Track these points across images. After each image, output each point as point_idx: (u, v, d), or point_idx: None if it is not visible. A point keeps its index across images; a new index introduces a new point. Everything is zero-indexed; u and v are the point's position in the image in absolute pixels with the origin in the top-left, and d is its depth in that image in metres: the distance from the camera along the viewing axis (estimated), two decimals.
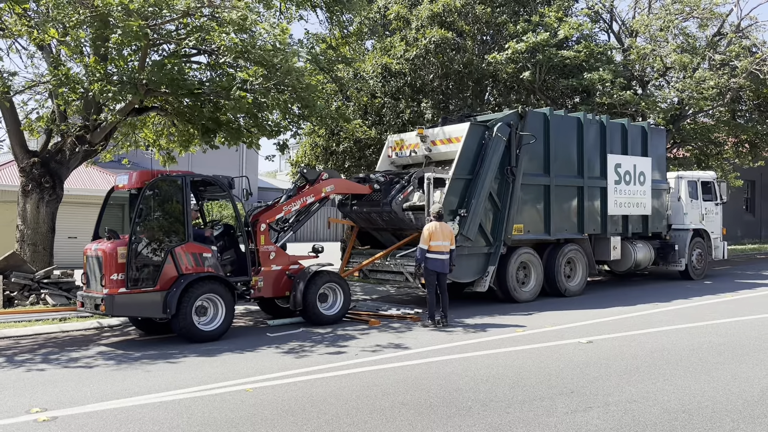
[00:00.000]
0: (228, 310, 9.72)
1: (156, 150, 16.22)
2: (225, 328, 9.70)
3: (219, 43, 11.14)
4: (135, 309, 9.45)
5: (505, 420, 5.70)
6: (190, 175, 9.95)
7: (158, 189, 9.68)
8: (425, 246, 10.70)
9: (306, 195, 11.40)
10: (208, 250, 9.86)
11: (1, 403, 6.41)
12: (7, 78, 11.72)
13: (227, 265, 10.47)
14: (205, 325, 9.55)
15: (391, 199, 12.27)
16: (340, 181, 12.16)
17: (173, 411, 6.08)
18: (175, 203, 9.72)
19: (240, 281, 10.31)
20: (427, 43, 18.70)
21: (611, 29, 24.39)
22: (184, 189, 9.59)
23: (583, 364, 7.82)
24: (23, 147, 12.85)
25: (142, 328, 10.47)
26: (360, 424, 5.62)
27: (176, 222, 9.71)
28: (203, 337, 9.41)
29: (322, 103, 13.54)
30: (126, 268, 9.12)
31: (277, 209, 11.08)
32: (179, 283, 9.32)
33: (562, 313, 11.87)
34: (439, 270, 10.78)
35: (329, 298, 11.01)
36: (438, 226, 10.79)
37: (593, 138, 14.75)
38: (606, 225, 14.93)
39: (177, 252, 9.46)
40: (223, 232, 10.89)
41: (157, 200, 9.76)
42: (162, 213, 9.83)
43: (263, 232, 10.67)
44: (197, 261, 9.65)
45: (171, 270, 9.41)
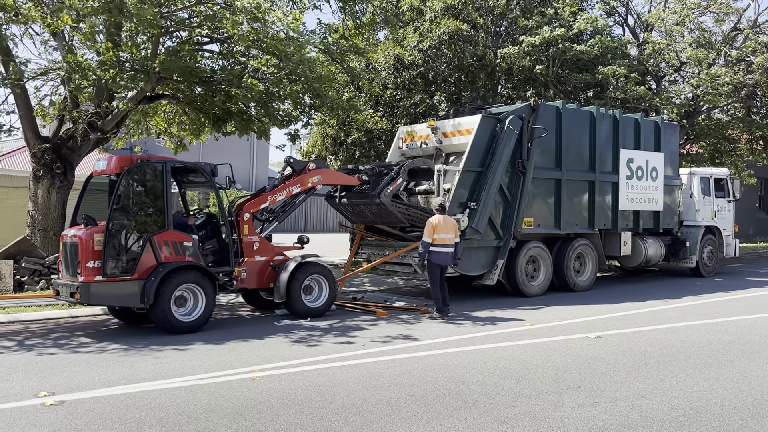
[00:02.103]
0: (208, 301, 9.45)
1: (167, 138, 16.27)
2: (205, 320, 9.46)
3: (232, 32, 11.13)
4: (111, 298, 9.18)
5: (512, 413, 5.67)
6: (171, 162, 9.71)
7: (137, 175, 9.41)
8: (429, 239, 10.66)
9: (292, 185, 11.14)
10: (189, 239, 9.57)
11: (9, 387, 6.46)
12: (21, 64, 11.76)
13: (209, 255, 10.21)
14: (185, 316, 9.29)
15: (380, 192, 11.89)
16: (328, 171, 11.88)
17: (180, 397, 6.10)
18: (155, 190, 9.45)
19: (222, 272, 10.03)
20: (441, 35, 18.60)
21: (626, 23, 24.20)
22: (164, 175, 9.33)
23: (591, 359, 7.78)
24: (35, 133, 12.91)
25: (121, 318, 10.25)
26: (366, 414, 5.62)
27: (156, 209, 9.47)
28: (182, 328, 9.16)
29: (334, 93, 13.50)
30: (102, 255, 8.86)
31: (261, 199, 10.84)
32: (158, 272, 9.06)
33: (571, 307, 11.82)
34: (443, 263, 10.74)
35: (314, 290, 10.76)
36: (442, 219, 10.74)
37: (606, 132, 14.64)
38: (617, 220, 14.84)
39: (156, 240, 9.20)
40: (206, 221, 10.66)
41: (136, 186, 9.50)
42: (141, 200, 9.59)
43: (247, 222, 10.42)
44: (177, 250, 9.39)
45: (150, 258, 9.15)
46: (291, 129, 14.34)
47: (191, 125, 15.08)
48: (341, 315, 10.86)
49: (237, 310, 11.48)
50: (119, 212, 9.23)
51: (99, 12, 10.64)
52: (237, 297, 12.12)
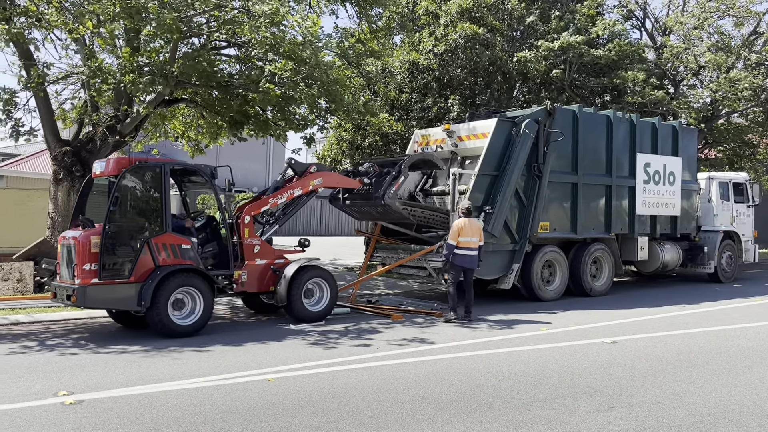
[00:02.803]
0: (206, 305, 9.36)
1: (185, 141, 16.41)
2: (203, 323, 9.35)
3: (249, 36, 11.22)
4: (108, 301, 9.08)
5: (527, 417, 5.67)
6: (170, 163, 9.66)
7: (135, 177, 9.35)
8: (454, 242, 10.75)
9: (293, 188, 11.03)
10: (188, 241, 9.46)
11: (30, 386, 6.56)
12: (42, 68, 11.94)
13: (209, 258, 10.11)
14: (182, 320, 9.19)
15: (383, 193, 11.69)
16: (329, 174, 11.77)
17: (196, 398, 6.16)
18: (154, 192, 9.38)
19: (221, 275, 9.94)
20: (456, 38, 18.62)
21: (644, 27, 24.05)
22: (162, 177, 9.25)
23: (606, 364, 7.75)
24: (56, 136, 13.07)
25: (119, 321, 10.18)
26: (380, 417, 5.64)
27: (154, 211, 9.39)
28: (179, 331, 9.06)
29: (350, 97, 13.56)
30: (99, 258, 8.75)
31: (262, 201, 10.75)
32: (155, 275, 8.96)
33: (587, 312, 11.76)
34: (467, 266, 10.82)
35: (315, 294, 10.62)
36: (467, 222, 10.83)
37: (622, 136, 14.57)
38: (634, 225, 14.75)
39: (154, 243, 9.10)
40: (206, 223, 10.54)
41: (135, 188, 9.44)
42: (139, 202, 9.53)
43: (247, 225, 10.32)
44: (175, 252, 9.27)
45: (147, 261, 9.05)
46: (307, 132, 14.40)
47: (208, 129, 15.20)
48: (356, 318, 10.89)
49: (249, 314, 11.55)
50: (116, 214, 9.13)
51: (119, 16, 10.77)
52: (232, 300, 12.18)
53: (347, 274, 16.64)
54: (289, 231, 35.80)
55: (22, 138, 12.78)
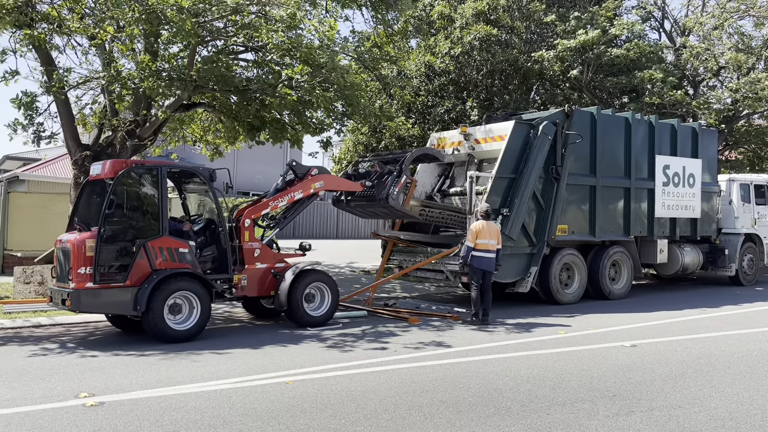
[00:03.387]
0: (203, 310, 9.19)
1: (203, 145, 16.54)
2: (200, 328, 9.20)
3: (266, 41, 11.29)
4: (103, 305, 8.94)
5: (545, 421, 5.63)
6: (167, 165, 9.55)
7: (132, 179, 9.26)
8: (471, 244, 10.76)
9: (294, 191, 10.89)
10: (185, 245, 9.33)
11: (52, 387, 6.63)
12: (63, 74, 12.10)
13: (208, 261, 9.92)
14: (179, 324, 9.05)
15: (387, 195, 11.57)
16: (330, 177, 11.65)
17: (216, 400, 6.19)
18: (150, 194, 9.28)
19: (220, 279, 9.79)
20: (471, 40, 18.59)
21: (663, 27, 23.87)
22: (159, 180, 9.15)
23: (626, 367, 7.68)
24: (76, 141, 13.23)
25: (117, 325, 10.07)
26: (398, 420, 5.63)
27: (150, 214, 9.30)
28: (175, 336, 8.92)
29: (366, 101, 13.59)
30: (94, 261, 8.63)
31: (263, 204, 10.63)
32: (151, 278, 8.83)
33: (606, 315, 11.67)
34: (485, 268, 10.82)
35: (316, 299, 10.45)
36: (485, 224, 10.85)
37: (641, 138, 14.46)
38: (653, 227, 14.62)
39: (150, 246, 8.98)
40: (205, 226, 10.34)
41: (131, 191, 9.30)
42: (135, 204, 9.41)
43: (247, 228, 10.19)
44: (172, 256, 9.14)
45: (143, 265, 8.92)
46: (324, 136, 14.47)
47: (226, 133, 15.32)
48: (373, 321, 10.90)
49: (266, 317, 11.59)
50: (112, 217, 8.97)
51: (139, 22, 10.90)
52: None
53: (364, 277, 16.66)
54: (306, 234, 35.92)
55: (44, 142, 12.95)
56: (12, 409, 5.87)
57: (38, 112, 12.45)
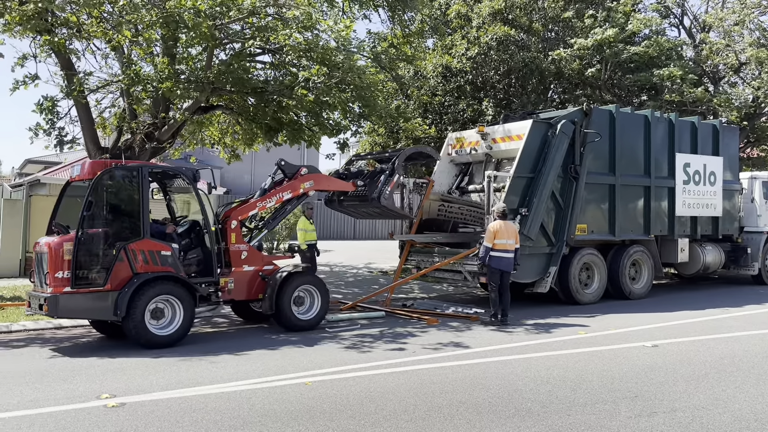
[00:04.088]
0: (186, 314, 8.90)
1: (221, 148, 16.64)
2: (183, 333, 8.91)
3: (283, 42, 11.33)
4: (82, 310, 8.67)
5: (566, 422, 5.58)
6: (148, 166, 9.30)
7: (111, 180, 8.97)
8: (489, 244, 10.72)
9: (283, 191, 10.55)
10: (168, 247, 9.04)
11: (74, 388, 6.70)
12: (83, 78, 12.23)
13: (192, 264, 9.61)
14: (161, 329, 8.77)
15: (379, 194, 11.24)
16: (321, 176, 11.22)
17: (235, 401, 6.21)
18: (131, 196, 9.01)
19: (205, 282, 9.45)
20: (489, 41, 18.52)
21: (682, 24, 23.62)
22: (140, 180, 8.87)
23: (647, 368, 7.59)
24: (96, 143, 13.37)
25: (100, 330, 9.82)
26: (418, 421, 5.61)
27: (131, 216, 9.00)
28: (157, 342, 8.64)
29: (383, 101, 13.59)
30: (72, 265, 8.35)
31: (250, 205, 10.31)
32: (132, 282, 8.54)
33: (627, 315, 11.55)
34: (503, 268, 10.78)
35: (306, 302, 10.15)
36: (503, 224, 10.79)
37: (661, 136, 14.31)
38: (673, 226, 14.46)
39: (131, 249, 8.68)
40: (189, 228, 9.98)
41: (111, 192, 9.03)
42: (115, 206, 9.11)
43: (234, 230, 9.88)
44: (154, 259, 8.84)
45: (124, 268, 8.62)
46: (340, 138, 14.49)
47: (244, 135, 15.40)
48: (392, 322, 10.88)
49: None
50: (91, 219, 8.69)
51: (156, 25, 10.98)
52: None
53: (382, 277, 16.65)
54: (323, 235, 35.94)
55: (65, 146, 13.10)
56: (35, 409, 5.93)
57: (59, 116, 12.59)
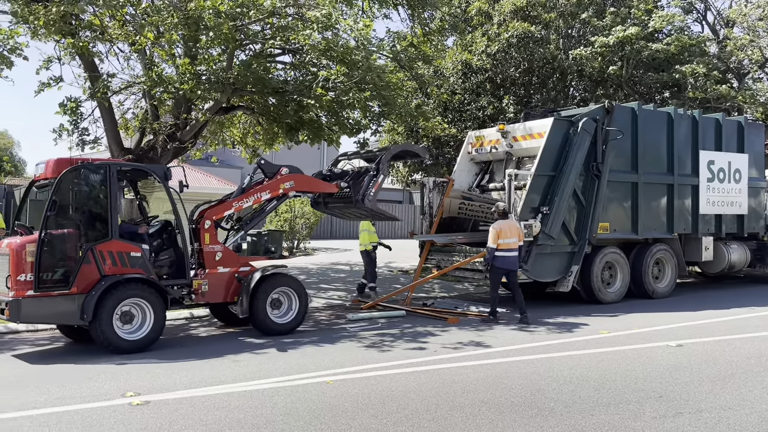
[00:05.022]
0: (157, 317, 8.58)
1: (242, 148, 16.75)
2: (154, 337, 8.60)
3: (303, 42, 11.37)
4: (46, 315, 8.34)
5: (590, 422, 5.54)
6: (116, 164, 8.91)
7: (77, 179, 8.61)
8: (494, 245, 10.72)
9: (261, 190, 10.21)
10: (137, 248, 8.71)
11: (99, 387, 6.78)
12: (106, 79, 12.39)
13: (164, 266, 9.30)
14: (130, 334, 8.42)
15: (363, 196, 10.84)
16: (302, 177, 10.74)
17: (258, 400, 6.25)
18: (98, 195, 8.70)
19: (177, 284, 9.17)
20: (509, 38, 18.43)
21: (705, 20, 23.34)
22: (108, 179, 8.52)
23: (672, 368, 7.50)
24: (119, 144, 13.53)
25: (68, 335, 9.49)
26: (440, 421, 5.60)
27: (98, 216, 8.67)
28: (126, 347, 8.31)
29: (402, 100, 13.58)
30: (35, 267, 8.00)
31: (226, 205, 9.99)
32: (99, 285, 8.20)
33: (650, 315, 11.43)
34: (509, 268, 10.82)
35: (283, 305, 9.78)
36: (505, 223, 10.84)
37: (684, 134, 14.13)
38: (697, 224, 14.28)
39: (98, 250, 8.36)
40: (161, 229, 9.65)
41: (76, 191, 8.67)
42: (82, 206, 8.76)
43: (208, 230, 9.55)
44: (123, 261, 8.52)
45: (91, 271, 8.31)
46: (360, 137, 14.51)
47: (265, 135, 15.48)
48: (412, 321, 10.88)
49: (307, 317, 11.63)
50: (56, 220, 8.36)
51: (178, 27, 11.09)
52: None
53: (402, 277, 16.64)
54: (342, 234, 36.05)
55: (88, 147, 13.27)
56: (63, 407, 6.02)
57: (82, 117, 12.76)
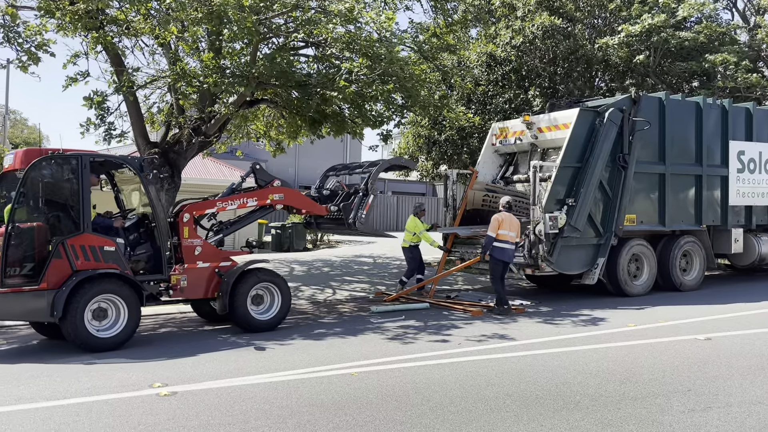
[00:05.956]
0: (132, 314, 8.32)
1: (266, 141, 16.82)
2: (128, 335, 8.32)
3: (326, 35, 11.37)
4: (14, 312, 8.13)
5: (616, 416, 5.48)
6: (88, 155, 8.55)
7: (47, 170, 8.31)
8: (493, 234, 10.80)
9: (249, 196, 10.02)
10: (111, 242, 8.42)
11: (127, 377, 6.88)
12: (132, 74, 12.51)
13: (141, 261, 9.05)
14: (104, 331, 8.15)
15: (354, 220, 10.64)
16: (294, 193, 10.59)
17: (283, 391, 6.29)
18: (69, 187, 8.36)
19: (154, 280, 8.94)
20: (534, 30, 18.24)
21: (735, 7, 22.84)
22: (79, 171, 8.20)
23: (700, 361, 7.40)
24: (145, 138, 13.66)
25: (42, 332, 9.23)
26: (464, 413, 5.59)
27: (70, 209, 8.35)
28: (99, 345, 8.04)
29: (426, 92, 13.52)
30: (2, 262, 7.79)
31: (209, 203, 9.83)
32: (70, 281, 7.94)
33: (677, 308, 11.27)
34: (507, 260, 10.91)
35: (265, 301, 9.53)
36: (508, 216, 10.91)
37: (713, 123, 13.87)
38: (727, 216, 14.03)
39: (70, 244, 8.06)
40: (138, 222, 9.38)
41: (47, 183, 8.38)
42: (52, 198, 8.45)
43: (187, 224, 9.30)
44: (96, 255, 8.23)
45: (62, 265, 8.02)
46: (383, 129, 14.48)
47: (288, 128, 15.52)
48: (435, 313, 10.86)
49: (332, 309, 11.69)
50: (24, 212, 8.17)
51: (202, 21, 11.15)
52: (314, 295, 12.30)
53: (426, 269, 16.59)
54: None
55: (114, 141, 13.42)
56: (92, 397, 6.12)
57: (109, 111, 12.90)
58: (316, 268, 17.36)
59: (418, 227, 12.90)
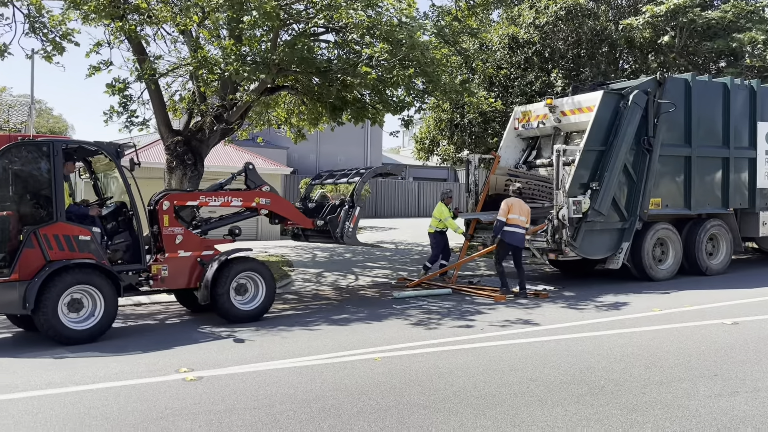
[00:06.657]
0: (108, 305, 8.04)
1: (287, 128, 16.87)
2: (104, 327, 8.05)
3: (347, 20, 11.33)
4: None
5: (641, 401, 5.44)
6: (61, 141, 8.40)
7: (17, 157, 8.07)
8: (504, 218, 10.89)
9: (235, 196, 9.86)
10: (86, 231, 8.16)
11: (155, 362, 6.99)
12: (154, 62, 12.59)
13: (119, 250, 8.78)
14: (78, 323, 7.89)
15: (342, 234, 10.43)
16: (281, 201, 10.43)
17: (307, 376, 6.35)
18: (41, 174, 8.13)
19: (132, 270, 8.70)
20: (558, 10, 17.99)
21: None
22: (52, 157, 7.96)
23: (727, 346, 7.31)
24: (168, 126, 13.77)
25: (18, 324, 9.02)
26: (488, 398, 5.59)
27: (42, 197, 8.10)
28: (73, 337, 7.78)
29: (447, 76, 13.43)
30: None
31: (192, 195, 9.70)
32: (43, 271, 7.68)
33: (704, 292, 11.14)
34: (516, 244, 10.99)
35: (249, 290, 9.29)
36: (517, 201, 11.02)
37: (741, 105, 13.62)
38: (754, 199, 13.81)
39: (42, 234, 7.82)
40: (116, 210, 9.08)
41: (17, 170, 8.10)
42: (23, 186, 8.22)
43: (166, 211, 9.03)
44: (71, 245, 8.00)
45: (34, 255, 7.76)
46: (404, 115, 14.45)
47: (309, 115, 15.55)
48: (458, 299, 10.86)
49: (354, 294, 11.72)
50: None
51: (222, 7, 11.17)
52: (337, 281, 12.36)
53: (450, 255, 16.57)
54: (387, 213, 36.14)
55: (136, 129, 13.55)
56: (120, 381, 6.23)
57: (131, 99, 13.02)
58: (338, 254, 17.43)
59: (444, 214, 12.88)
